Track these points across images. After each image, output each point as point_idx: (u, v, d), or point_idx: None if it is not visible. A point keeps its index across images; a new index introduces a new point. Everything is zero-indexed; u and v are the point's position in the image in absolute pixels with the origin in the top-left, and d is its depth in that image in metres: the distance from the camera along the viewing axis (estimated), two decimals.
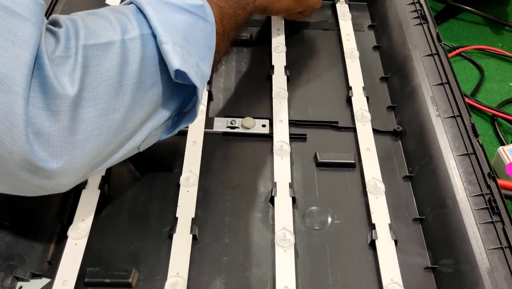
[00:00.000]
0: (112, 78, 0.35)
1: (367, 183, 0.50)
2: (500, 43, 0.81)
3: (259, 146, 0.53)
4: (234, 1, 0.47)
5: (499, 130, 0.66)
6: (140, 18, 0.37)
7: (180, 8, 0.40)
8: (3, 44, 0.30)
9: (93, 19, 0.37)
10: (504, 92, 0.72)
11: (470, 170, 0.47)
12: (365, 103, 0.57)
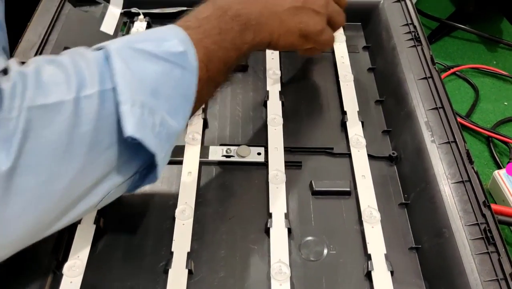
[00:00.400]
0: (59, 142, 0.32)
1: (362, 211, 0.50)
2: (494, 60, 0.81)
3: (255, 174, 0.53)
4: (228, 42, 0.43)
5: (494, 152, 0.66)
6: (104, 70, 0.35)
7: (155, 56, 0.37)
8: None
9: (50, 69, 0.34)
10: (499, 112, 0.72)
11: (465, 198, 0.47)
12: (360, 129, 0.57)
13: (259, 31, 0.47)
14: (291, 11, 0.49)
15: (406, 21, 0.66)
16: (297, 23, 0.50)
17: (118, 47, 0.36)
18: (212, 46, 0.42)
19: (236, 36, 0.44)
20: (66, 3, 0.64)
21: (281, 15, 0.48)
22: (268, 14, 0.47)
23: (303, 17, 0.50)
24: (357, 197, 0.51)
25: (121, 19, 0.69)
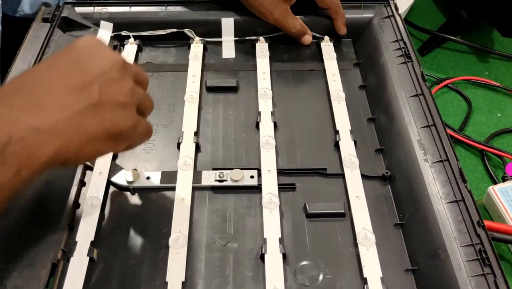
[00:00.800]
0: None
1: (357, 234, 0.49)
2: (486, 71, 0.81)
3: (248, 198, 0.53)
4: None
5: (489, 165, 0.66)
6: None
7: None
8: None
9: None
10: (493, 123, 0.72)
11: (459, 218, 0.47)
12: (353, 148, 0.57)
13: (30, 156, 0.33)
14: (88, 110, 0.36)
15: (396, 37, 0.66)
16: (100, 124, 0.37)
17: None
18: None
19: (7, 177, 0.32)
20: (55, 29, 0.64)
21: (73, 120, 0.36)
22: (47, 126, 0.34)
23: (106, 114, 0.38)
24: (352, 219, 0.51)
25: (111, 43, 0.69)
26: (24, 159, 0.33)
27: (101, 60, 0.39)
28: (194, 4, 0.70)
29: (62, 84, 0.36)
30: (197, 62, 0.67)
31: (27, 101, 0.35)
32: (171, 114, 0.61)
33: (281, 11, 0.66)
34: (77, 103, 0.36)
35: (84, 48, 0.39)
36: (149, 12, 0.70)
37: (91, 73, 0.38)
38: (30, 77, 0.37)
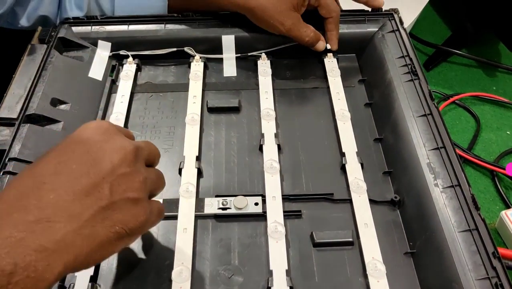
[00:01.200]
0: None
1: (367, 264, 0.47)
2: (494, 86, 0.79)
3: (253, 227, 0.51)
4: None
5: (500, 186, 0.64)
6: None
7: None
8: None
9: None
10: (502, 142, 0.71)
11: (473, 249, 0.45)
12: (360, 171, 0.55)
13: (38, 280, 0.30)
14: (98, 216, 0.34)
15: (402, 53, 0.64)
16: (111, 228, 0.34)
17: None
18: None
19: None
20: (52, 50, 0.63)
21: (82, 231, 0.33)
22: (55, 243, 0.31)
23: (116, 216, 0.35)
24: (360, 247, 0.49)
25: (109, 63, 0.67)
26: (30, 286, 0.29)
27: (111, 154, 0.36)
28: (193, 21, 0.69)
29: (70, 190, 0.33)
30: (197, 82, 0.65)
31: (31, 217, 0.31)
32: (172, 137, 0.60)
33: (293, 20, 0.63)
34: (86, 209, 0.33)
35: (93, 140, 0.36)
36: (147, 31, 0.68)
37: (101, 171, 0.35)
38: (33, 182, 0.33)
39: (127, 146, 0.37)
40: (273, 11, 0.63)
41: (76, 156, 0.35)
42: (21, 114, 0.54)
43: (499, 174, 0.66)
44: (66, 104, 0.59)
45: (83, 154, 0.35)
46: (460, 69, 0.83)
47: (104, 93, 0.63)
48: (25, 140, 0.52)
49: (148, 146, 0.41)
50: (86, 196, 0.33)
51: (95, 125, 0.38)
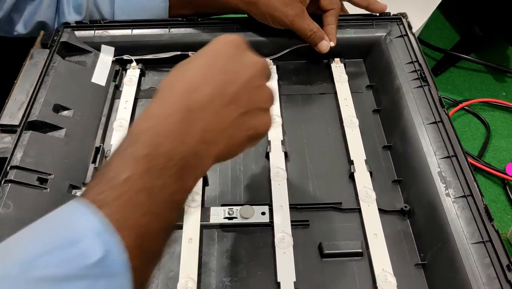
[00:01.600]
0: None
1: (377, 276, 0.46)
2: (503, 92, 0.78)
3: (260, 237, 0.50)
4: (162, 202, 0.33)
5: (511, 195, 0.63)
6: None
7: (65, 279, 0.27)
8: None
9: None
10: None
11: (487, 261, 0.44)
12: (369, 180, 0.54)
13: (203, 165, 0.36)
14: (238, 121, 0.38)
15: (411, 58, 0.63)
16: (245, 132, 0.39)
17: (10, 286, 0.26)
18: (143, 219, 0.31)
19: (174, 189, 0.33)
20: (54, 55, 0.62)
21: (226, 131, 0.37)
22: (210, 139, 0.36)
23: (251, 122, 0.39)
24: (370, 258, 0.48)
25: (112, 67, 0.66)
26: (198, 167, 0.35)
27: (248, 67, 0.39)
28: (198, 25, 0.68)
29: (218, 97, 0.37)
30: None
31: (194, 116, 0.36)
32: None
33: (297, 11, 0.61)
34: (231, 114, 0.37)
35: (230, 54, 0.39)
36: (151, 35, 0.67)
37: (240, 83, 0.38)
38: (188, 88, 0.37)
39: (259, 61, 0.41)
40: (277, 3, 0.61)
41: (219, 68, 0.38)
42: (23, 121, 0.53)
43: (511, 182, 0.65)
44: (69, 110, 0.57)
45: (224, 66, 0.38)
46: (469, 75, 0.82)
47: (107, 98, 0.62)
48: (27, 148, 0.51)
49: (267, 64, 0.43)
50: (230, 103, 0.37)
51: (230, 39, 0.40)
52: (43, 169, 0.50)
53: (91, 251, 0.28)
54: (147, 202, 0.32)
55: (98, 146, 0.56)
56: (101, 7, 0.68)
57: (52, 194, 0.49)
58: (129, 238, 0.30)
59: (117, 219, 0.30)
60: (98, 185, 0.32)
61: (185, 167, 0.34)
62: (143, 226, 0.31)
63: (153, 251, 0.33)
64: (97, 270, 0.28)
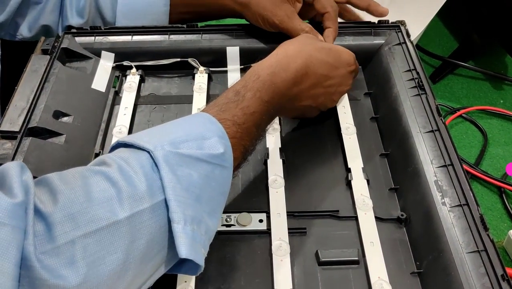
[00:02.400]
0: (116, 262, 0.33)
1: (372, 284, 0.47)
2: (501, 99, 0.78)
3: (257, 244, 0.51)
4: (261, 132, 0.49)
5: (507, 203, 0.63)
6: (153, 180, 0.36)
7: (199, 160, 0.39)
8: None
9: (99, 184, 0.34)
10: (510, 157, 0.70)
11: (482, 271, 0.44)
12: (366, 188, 0.54)
13: (285, 114, 0.59)
14: (317, 99, 0.57)
15: (409, 66, 0.64)
16: (316, 104, 0.57)
17: (165, 155, 0.38)
18: (249, 142, 0.46)
19: (268, 123, 0.51)
20: (55, 62, 0.62)
21: (306, 104, 0.56)
22: (299, 106, 0.56)
23: (323, 98, 0.58)
24: (366, 267, 0.48)
25: (112, 74, 0.67)
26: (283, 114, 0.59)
27: (343, 62, 0.58)
28: (198, 32, 0.68)
29: (317, 81, 0.55)
30: (202, 94, 0.64)
31: (298, 98, 0.55)
32: None
33: (286, 12, 0.63)
34: (318, 98, 0.57)
35: (331, 52, 0.57)
36: (151, 42, 0.67)
37: (336, 73, 0.57)
38: (306, 69, 0.53)
39: (351, 58, 0.60)
40: (267, 2, 0.63)
41: (328, 62, 0.56)
42: (23, 127, 0.54)
43: (507, 191, 0.65)
44: (69, 116, 0.58)
45: (328, 61, 0.56)
46: (467, 82, 0.82)
47: (107, 104, 0.63)
48: (27, 154, 0.51)
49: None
50: (325, 87, 0.57)
51: (342, 50, 0.59)
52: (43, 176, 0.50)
53: (216, 146, 0.41)
54: (255, 133, 0.47)
55: (97, 152, 0.57)
56: (103, 11, 0.68)
57: None
58: (237, 152, 0.44)
59: (239, 137, 0.44)
60: (234, 109, 0.46)
61: (280, 113, 0.56)
62: (247, 148, 0.46)
63: (243, 160, 0.47)
64: (218, 160, 0.40)
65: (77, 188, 0.34)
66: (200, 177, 0.39)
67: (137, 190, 0.35)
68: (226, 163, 0.42)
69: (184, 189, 0.37)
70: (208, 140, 0.41)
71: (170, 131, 0.42)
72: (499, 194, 0.65)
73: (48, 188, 0.34)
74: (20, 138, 0.53)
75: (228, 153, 0.42)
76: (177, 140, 0.40)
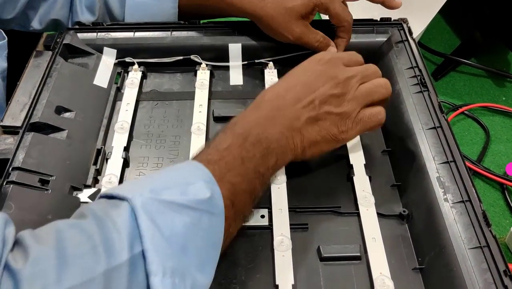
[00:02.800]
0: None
1: (374, 279, 0.47)
2: (503, 96, 0.78)
3: (259, 239, 0.51)
4: (251, 170, 0.43)
5: (510, 200, 0.63)
6: (132, 231, 0.34)
7: (182, 206, 0.36)
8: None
9: (73, 238, 0.33)
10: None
11: (484, 267, 0.44)
12: (368, 184, 0.54)
13: (281, 152, 0.46)
14: (309, 122, 0.48)
15: (411, 64, 0.63)
16: (318, 133, 0.48)
17: (144, 202, 0.35)
18: (236, 178, 0.42)
19: (259, 163, 0.44)
20: (57, 57, 0.62)
21: (300, 130, 0.48)
22: (288, 133, 0.47)
23: (322, 124, 0.49)
24: (368, 262, 0.48)
25: (114, 70, 0.67)
26: (279, 153, 0.46)
27: (325, 81, 0.49)
28: (200, 29, 0.68)
29: (295, 102, 0.48)
30: (203, 91, 0.64)
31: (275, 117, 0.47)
32: (177, 146, 0.59)
33: (301, 29, 0.62)
34: (303, 115, 0.47)
35: (315, 69, 0.50)
36: (153, 38, 0.67)
37: (315, 92, 0.48)
38: (276, 95, 0.49)
39: (339, 76, 0.50)
40: (281, 20, 0.62)
41: (301, 80, 0.50)
42: (25, 123, 0.53)
43: (509, 187, 0.65)
44: (71, 112, 0.58)
45: (305, 79, 0.50)
46: (469, 79, 0.82)
47: (109, 100, 0.63)
48: (29, 149, 0.51)
49: (364, 71, 0.52)
50: (303, 107, 0.48)
51: (320, 57, 0.52)
52: (44, 170, 0.51)
53: (202, 191, 0.38)
54: (240, 166, 0.42)
55: (99, 147, 0.57)
56: (112, 9, 0.69)
57: (53, 195, 0.50)
58: (225, 190, 0.40)
59: (218, 174, 0.40)
60: (207, 150, 0.43)
61: (268, 148, 0.45)
62: (235, 184, 0.41)
63: (239, 208, 0.42)
64: (205, 206, 0.37)
65: (50, 244, 0.32)
66: (184, 225, 0.36)
67: (114, 242, 0.33)
68: (215, 209, 0.38)
69: (165, 238, 0.34)
70: (193, 186, 0.38)
71: (153, 179, 0.39)
72: (501, 191, 0.65)
73: (21, 244, 0.32)
74: (22, 134, 0.53)
75: (216, 198, 0.39)
76: (158, 187, 0.37)
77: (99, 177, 0.55)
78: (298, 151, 0.48)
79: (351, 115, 0.50)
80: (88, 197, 0.52)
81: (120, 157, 0.56)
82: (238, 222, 0.43)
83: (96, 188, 0.53)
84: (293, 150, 0.48)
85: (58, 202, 0.50)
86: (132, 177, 0.55)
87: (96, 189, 0.53)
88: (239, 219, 0.43)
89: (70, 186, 0.52)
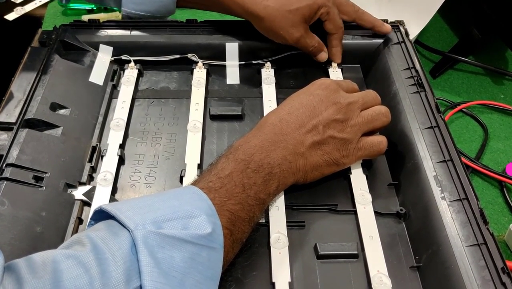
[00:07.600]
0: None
1: (372, 278, 0.46)
2: (502, 94, 0.78)
3: (255, 237, 0.50)
4: (252, 197, 0.44)
5: (508, 197, 0.63)
6: (131, 264, 0.34)
7: (182, 241, 0.36)
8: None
9: (70, 270, 0.32)
10: (510, 151, 0.70)
11: (482, 264, 0.44)
12: (365, 183, 0.54)
13: (283, 177, 0.47)
14: (312, 146, 0.49)
15: (408, 65, 0.63)
16: (320, 157, 0.50)
17: (145, 235, 0.35)
18: (236, 206, 0.42)
19: (260, 189, 0.45)
20: (53, 54, 0.62)
21: (304, 154, 0.49)
22: (291, 157, 0.48)
23: (325, 148, 0.50)
24: (365, 260, 0.48)
25: (110, 67, 0.66)
26: (281, 178, 0.47)
27: (328, 106, 0.50)
28: (197, 28, 0.68)
29: (298, 126, 0.49)
30: (200, 89, 0.64)
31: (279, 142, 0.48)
32: (173, 144, 0.58)
33: (302, 32, 0.62)
34: (307, 140, 0.49)
35: (317, 94, 0.51)
36: (150, 36, 0.67)
37: (318, 117, 0.50)
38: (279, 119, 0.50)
39: (342, 102, 0.51)
40: (283, 22, 0.61)
41: (303, 104, 0.51)
42: (20, 119, 0.53)
43: (508, 185, 0.65)
44: (66, 109, 0.57)
45: (308, 103, 0.51)
46: (467, 77, 0.82)
47: (104, 98, 0.62)
48: (23, 146, 0.51)
49: (364, 97, 0.54)
50: (307, 132, 0.49)
51: (320, 82, 0.53)
52: (39, 167, 0.50)
53: (203, 226, 0.38)
54: (240, 194, 0.43)
55: (94, 145, 0.56)
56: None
57: (47, 192, 0.49)
58: (224, 219, 0.40)
59: (218, 203, 0.41)
60: (208, 176, 0.44)
61: (270, 174, 0.46)
62: (234, 212, 0.41)
63: (238, 237, 0.42)
64: (205, 241, 0.37)
65: (45, 277, 0.31)
66: (183, 260, 0.36)
67: (112, 277, 0.32)
68: (214, 243, 0.38)
69: (163, 273, 0.34)
70: (195, 219, 0.38)
71: (157, 207, 0.39)
72: (499, 188, 0.65)
73: (15, 275, 0.31)
74: (16, 130, 0.52)
75: (217, 232, 0.39)
76: (160, 218, 0.37)
77: (94, 174, 0.54)
78: (300, 174, 0.49)
79: (353, 141, 0.51)
80: (82, 194, 0.51)
81: (115, 154, 0.55)
82: (235, 249, 0.43)
83: (91, 185, 0.53)
84: (295, 174, 0.49)
85: (53, 199, 0.49)
86: (127, 175, 0.55)
87: (90, 186, 0.52)
88: (236, 246, 0.43)
89: (64, 183, 0.51)
